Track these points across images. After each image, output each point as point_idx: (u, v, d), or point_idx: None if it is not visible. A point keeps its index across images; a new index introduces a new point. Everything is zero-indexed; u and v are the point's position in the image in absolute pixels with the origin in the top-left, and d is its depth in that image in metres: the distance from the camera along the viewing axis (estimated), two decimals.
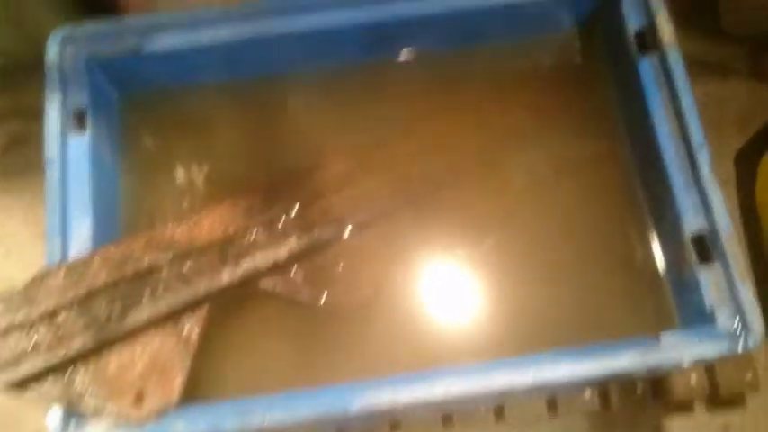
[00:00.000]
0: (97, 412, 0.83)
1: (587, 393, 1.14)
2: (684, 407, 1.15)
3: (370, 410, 0.83)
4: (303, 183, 1.01)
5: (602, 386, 1.14)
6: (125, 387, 0.85)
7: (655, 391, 1.13)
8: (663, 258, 0.99)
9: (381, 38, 1.07)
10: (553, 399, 1.14)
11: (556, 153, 1.08)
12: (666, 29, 0.98)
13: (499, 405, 1.09)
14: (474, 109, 1.11)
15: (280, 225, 0.97)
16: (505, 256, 1.02)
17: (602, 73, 1.11)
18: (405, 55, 1.12)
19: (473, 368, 0.85)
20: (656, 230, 1.01)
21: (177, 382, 0.87)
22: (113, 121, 1.05)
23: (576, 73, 1.13)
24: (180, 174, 1.06)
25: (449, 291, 1.01)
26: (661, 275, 0.99)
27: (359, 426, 1.05)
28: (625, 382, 1.14)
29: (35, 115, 0.95)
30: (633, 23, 1.01)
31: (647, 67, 0.99)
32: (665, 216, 0.97)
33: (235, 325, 0.97)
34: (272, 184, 1.00)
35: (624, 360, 0.84)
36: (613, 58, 1.08)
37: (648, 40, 1.00)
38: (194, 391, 0.90)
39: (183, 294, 0.89)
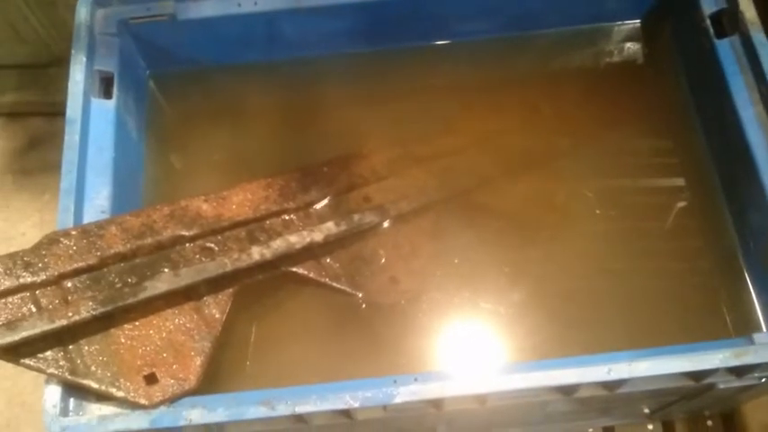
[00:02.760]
0: (102, 390, 0.72)
1: (650, 427, 1.05)
2: None
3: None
4: (343, 169, 0.94)
5: (667, 416, 1.03)
6: (136, 365, 0.74)
7: (726, 428, 1.05)
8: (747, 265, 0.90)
9: (430, 19, 1.02)
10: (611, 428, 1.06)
11: (617, 152, 1.00)
12: (748, 8, 0.89)
13: None
14: (526, 105, 1.03)
15: (316, 209, 0.90)
16: (562, 259, 0.93)
17: (670, 63, 1.03)
18: (453, 41, 1.06)
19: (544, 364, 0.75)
20: (737, 232, 0.91)
21: (196, 365, 0.76)
22: (141, 93, 0.99)
23: (640, 64, 1.05)
24: (208, 153, 0.99)
25: (496, 293, 0.91)
26: (745, 281, 0.89)
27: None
28: (693, 412, 1.03)
29: (60, 113, 0.87)
30: (708, 5, 0.93)
31: (726, 51, 0.91)
32: (748, 215, 0.88)
33: (264, 314, 0.88)
34: (309, 169, 0.92)
35: (716, 359, 0.73)
36: (685, 46, 1.00)
37: (726, 22, 0.92)
38: (215, 383, 0.80)
39: (208, 271, 0.80)
